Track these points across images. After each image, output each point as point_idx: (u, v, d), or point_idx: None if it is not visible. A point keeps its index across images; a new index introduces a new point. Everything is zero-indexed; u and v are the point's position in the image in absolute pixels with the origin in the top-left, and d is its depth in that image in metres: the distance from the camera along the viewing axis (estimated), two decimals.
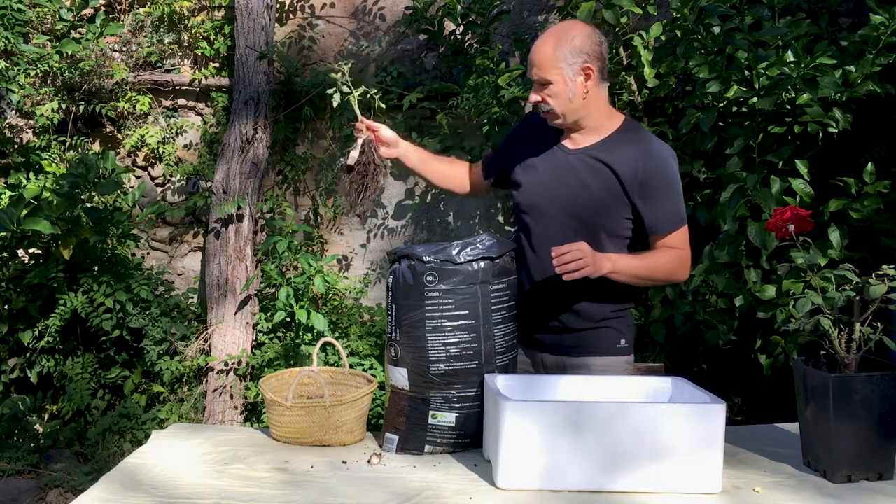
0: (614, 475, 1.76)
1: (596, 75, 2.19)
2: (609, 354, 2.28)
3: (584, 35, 2.18)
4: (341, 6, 4.96)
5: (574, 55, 2.16)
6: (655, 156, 2.20)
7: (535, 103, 2.23)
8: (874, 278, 1.79)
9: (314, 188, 4.91)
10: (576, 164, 2.24)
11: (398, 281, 2.09)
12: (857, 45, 3.15)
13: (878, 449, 1.82)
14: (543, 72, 2.17)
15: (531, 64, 2.20)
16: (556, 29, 2.22)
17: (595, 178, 2.21)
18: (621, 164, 2.19)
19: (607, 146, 2.23)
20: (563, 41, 2.16)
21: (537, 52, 2.18)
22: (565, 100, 2.18)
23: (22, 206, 3.89)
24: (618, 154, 2.21)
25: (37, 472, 3.68)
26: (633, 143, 2.22)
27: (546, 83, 2.18)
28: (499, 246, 2.09)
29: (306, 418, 2.09)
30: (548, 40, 2.18)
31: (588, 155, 2.24)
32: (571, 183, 2.23)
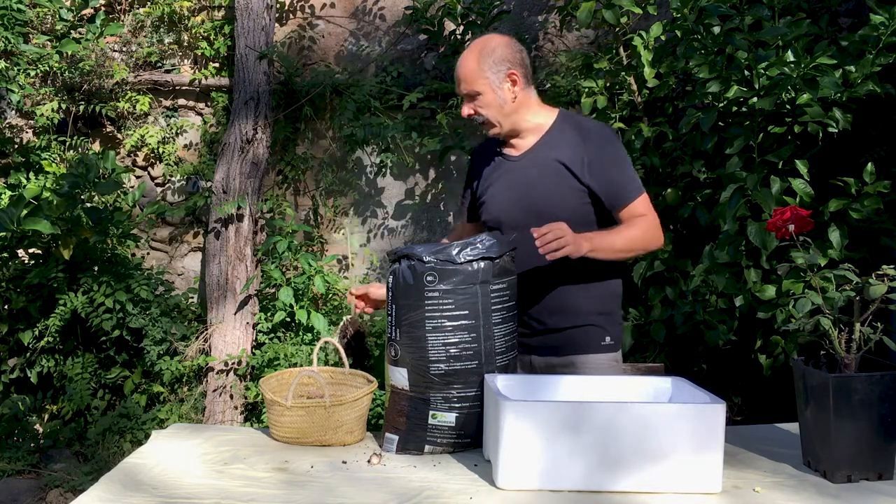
0: (614, 475, 1.76)
1: (521, 80, 2.29)
2: (595, 352, 2.32)
3: (503, 45, 2.29)
4: (341, 6, 4.96)
5: (497, 64, 2.26)
6: (594, 134, 2.29)
7: (468, 116, 2.32)
8: (874, 278, 1.79)
9: (314, 188, 4.91)
10: (524, 168, 2.33)
11: (398, 281, 2.09)
12: (857, 45, 3.15)
13: (878, 449, 1.82)
14: (471, 84, 2.27)
15: (458, 80, 2.30)
16: (476, 44, 2.31)
17: (545, 175, 2.29)
18: (564, 153, 2.28)
19: (547, 141, 2.32)
20: (484, 53, 2.27)
21: (462, 68, 2.28)
22: (497, 107, 2.28)
23: (22, 206, 3.89)
24: (559, 145, 2.30)
25: (37, 472, 3.68)
26: (571, 130, 2.31)
27: (475, 95, 2.28)
28: (499, 246, 2.09)
29: (306, 418, 2.09)
30: (470, 55, 2.28)
31: (532, 155, 2.33)
32: (525, 187, 2.31)
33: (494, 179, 2.38)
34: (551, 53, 4.82)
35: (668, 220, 3.93)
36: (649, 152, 3.82)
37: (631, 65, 3.97)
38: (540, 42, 4.87)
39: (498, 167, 2.39)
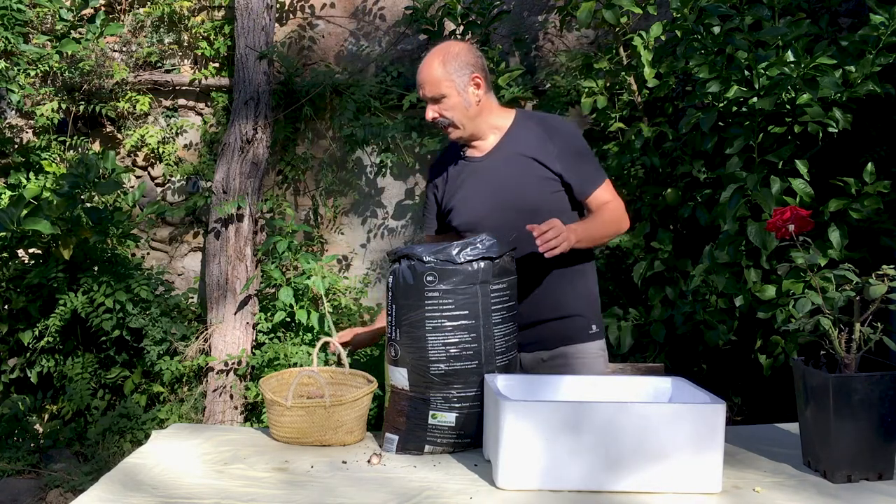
0: (614, 475, 1.76)
1: (484, 84, 2.35)
2: (582, 342, 2.37)
3: (466, 50, 2.35)
4: (341, 6, 4.96)
5: (462, 68, 2.31)
6: (557, 126, 2.38)
7: (433, 120, 2.34)
8: (874, 278, 1.79)
9: (314, 188, 4.91)
10: (491, 167, 2.36)
11: (398, 281, 2.09)
12: (857, 45, 3.15)
13: (878, 449, 1.82)
14: (436, 87, 2.30)
15: (422, 84, 2.32)
16: (438, 49, 2.35)
17: (514, 169, 2.33)
18: (530, 145, 2.33)
19: (510, 138, 2.37)
20: (448, 58, 2.31)
21: (427, 72, 2.31)
22: (462, 110, 2.33)
23: (22, 206, 3.89)
24: (523, 139, 2.35)
25: (37, 472, 3.68)
26: (533, 125, 2.38)
27: (440, 98, 2.31)
28: (499, 246, 2.09)
29: (306, 418, 2.09)
30: (433, 60, 2.31)
31: (497, 153, 2.37)
32: (496, 184, 2.33)
33: (461, 183, 2.40)
34: (551, 53, 4.82)
35: (668, 220, 3.93)
36: (649, 152, 3.82)
37: (631, 65, 3.97)
38: (540, 42, 4.87)
39: (462, 171, 2.41)
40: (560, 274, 2.31)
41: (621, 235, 3.75)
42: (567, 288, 2.35)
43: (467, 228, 2.35)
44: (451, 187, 2.43)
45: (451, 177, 2.44)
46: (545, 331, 2.35)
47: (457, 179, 2.42)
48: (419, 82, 2.33)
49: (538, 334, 2.35)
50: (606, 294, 4.16)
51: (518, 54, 4.81)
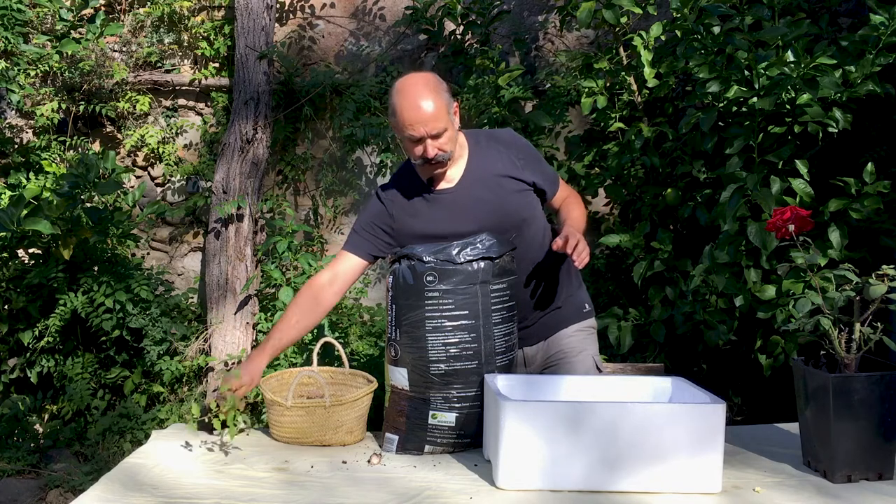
0: (614, 475, 1.76)
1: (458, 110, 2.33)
2: (578, 321, 2.43)
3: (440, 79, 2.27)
4: (341, 6, 4.96)
5: (450, 99, 2.25)
6: (513, 141, 2.40)
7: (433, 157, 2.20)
8: (874, 278, 1.79)
9: (314, 188, 4.91)
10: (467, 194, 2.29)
11: (398, 281, 2.09)
12: (857, 45, 3.15)
13: (878, 449, 1.82)
14: (440, 121, 2.18)
15: (424, 121, 2.17)
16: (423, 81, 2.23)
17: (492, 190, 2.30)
18: (498, 164, 2.33)
19: (476, 163, 2.33)
20: (439, 89, 2.22)
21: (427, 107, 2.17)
22: (454, 141, 2.26)
23: (22, 206, 3.89)
24: (489, 160, 2.33)
25: (37, 472, 3.68)
26: (489, 144, 2.37)
27: (442, 133, 2.19)
28: (499, 246, 2.09)
29: (306, 418, 2.09)
30: (429, 92, 2.19)
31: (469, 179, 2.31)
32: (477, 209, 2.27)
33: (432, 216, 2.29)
34: (551, 53, 4.82)
35: (668, 220, 3.93)
36: (649, 152, 3.82)
37: (631, 65, 3.97)
38: (540, 42, 4.87)
39: (433, 204, 2.30)
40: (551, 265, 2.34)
41: (620, 236, 3.76)
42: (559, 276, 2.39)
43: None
44: (419, 222, 2.30)
45: (417, 210, 2.31)
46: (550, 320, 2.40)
47: (427, 212, 2.30)
48: (418, 120, 2.17)
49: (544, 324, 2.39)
50: (606, 294, 4.16)
51: (518, 54, 4.81)
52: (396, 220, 2.31)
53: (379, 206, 2.36)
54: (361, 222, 2.38)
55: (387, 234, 2.33)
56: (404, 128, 2.18)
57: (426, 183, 2.31)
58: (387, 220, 2.33)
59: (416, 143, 2.20)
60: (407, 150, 2.26)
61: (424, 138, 2.18)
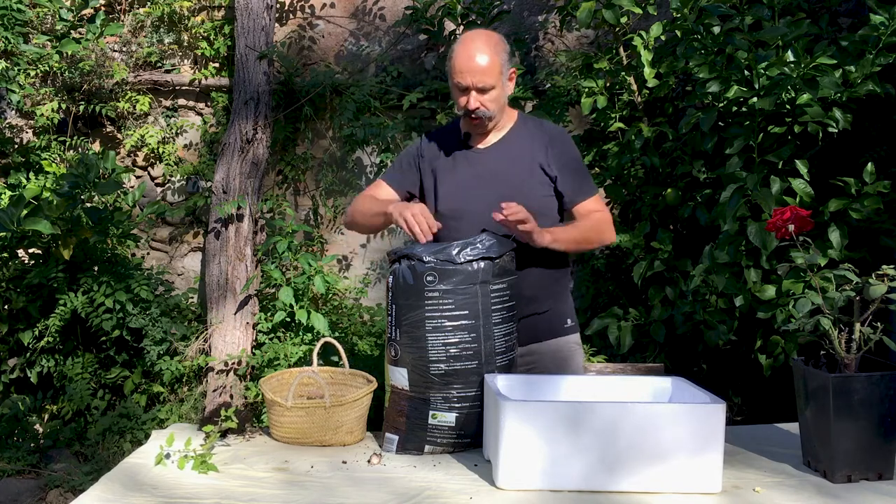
0: (614, 475, 1.76)
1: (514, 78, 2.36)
2: (558, 336, 2.39)
3: (505, 42, 2.33)
4: (341, 6, 4.96)
5: (508, 62, 2.30)
6: (556, 134, 2.40)
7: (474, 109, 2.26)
8: (874, 278, 1.79)
9: (314, 188, 4.91)
10: (492, 160, 2.36)
11: (398, 281, 2.09)
12: (857, 45, 3.15)
13: (878, 449, 1.82)
14: (489, 77, 2.24)
15: (471, 71, 2.23)
16: (486, 37, 2.29)
17: (515, 167, 2.33)
18: (531, 147, 2.35)
19: (514, 136, 2.38)
20: (499, 48, 2.27)
21: (480, 60, 2.23)
22: (501, 104, 2.32)
23: (22, 206, 3.89)
24: (527, 141, 2.36)
25: (37, 472, 3.68)
26: (533, 129, 2.40)
27: (488, 89, 2.25)
28: (499, 246, 2.09)
29: (306, 419, 2.09)
30: (485, 48, 2.25)
31: (500, 148, 2.37)
32: (492, 178, 2.32)
33: (454, 168, 2.38)
34: (551, 53, 4.82)
35: (668, 220, 3.93)
36: (649, 152, 3.82)
37: (631, 65, 3.97)
38: (540, 42, 4.87)
39: (458, 157, 2.39)
40: (538, 273, 2.32)
41: (621, 236, 3.76)
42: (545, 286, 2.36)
43: (450, 215, 2.33)
44: (441, 166, 2.39)
45: (444, 157, 2.40)
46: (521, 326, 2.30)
47: (451, 162, 2.39)
48: (468, 69, 2.23)
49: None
50: (606, 294, 4.16)
51: (518, 54, 4.81)
52: (426, 161, 2.41)
53: (415, 145, 2.49)
54: (399, 157, 2.51)
55: (415, 171, 2.43)
56: (454, 73, 2.27)
57: (462, 137, 2.39)
58: (420, 158, 2.43)
59: (461, 92, 2.27)
60: (454, 98, 2.34)
61: (470, 89, 2.25)
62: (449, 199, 2.36)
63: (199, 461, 1.92)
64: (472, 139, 2.39)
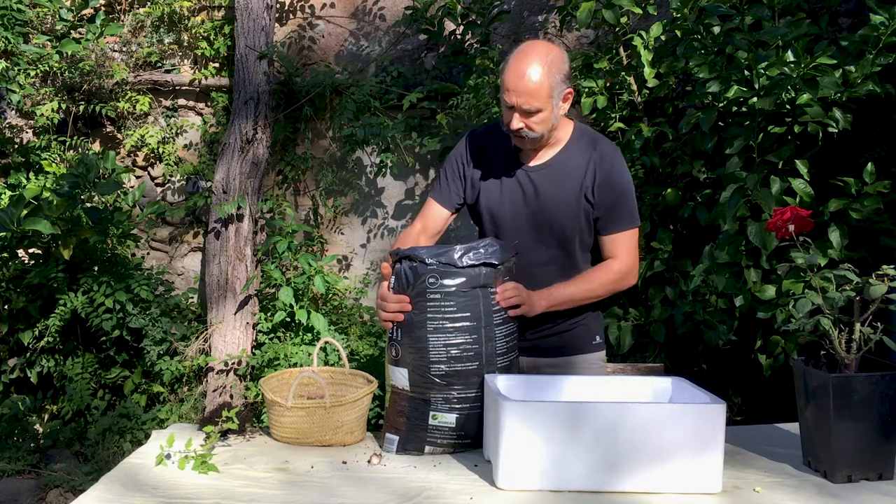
0: (614, 475, 1.76)
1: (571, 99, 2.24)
2: (585, 352, 2.36)
3: (563, 59, 2.19)
4: (341, 6, 4.96)
5: (562, 83, 2.18)
6: (608, 155, 2.27)
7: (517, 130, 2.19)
8: (874, 278, 1.79)
9: (314, 188, 4.91)
10: (540, 179, 2.28)
11: (400, 281, 2.09)
12: (857, 45, 3.15)
13: (878, 449, 1.82)
14: (535, 101, 2.13)
15: (518, 92, 2.13)
16: (540, 53, 2.15)
17: (560, 190, 2.26)
18: (580, 167, 2.26)
19: (565, 156, 2.29)
20: (553, 69, 2.14)
21: (529, 81, 2.12)
22: (549, 125, 2.21)
23: (22, 206, 3.89)
24: (576, 161, 2.27)
25: (37, 472, 3.68)
26: (587, 146, 2.29)
27: (535, 111, 2.15)
28: (501, 252, 2.09)
29: (307, 419, 2.09)
30: (537, 68, 2.12)
31: (550, 168, 2.29)
32: (537, 198, 2.27)
33: (501, 180, 2.31)
34: None
35: (668, 220, 3.93)
36: (649, 152, 3.82)
37: (631, 65, 3.97)
38: None
39: (509, 174, 2.31)
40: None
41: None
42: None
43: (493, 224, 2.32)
44: (487, 174, 2.33)
45: (490, 166, 2.33)
46: (550, 340, 2.34)
47: (498, 176, 2.32)
48: (515, 89, 2.13)
49: (542, 342, 2.34)
50: None
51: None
52: (470, 167, 2.35)
53: (462, 148, 2.39)
54: (446, 166, 2.41)
55: (460, 182, 2.37)
56: (503, 89, 2.18)
57: (513, 150, 2.31)
58: (465, 164, 2.36)
59: (507, 110, 2.19)
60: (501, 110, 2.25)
61: (515, 108, 2.16)
62: (493, 209, 2.31)
63: (200, 461, 1.92)
64: (522, 153, 2.31)
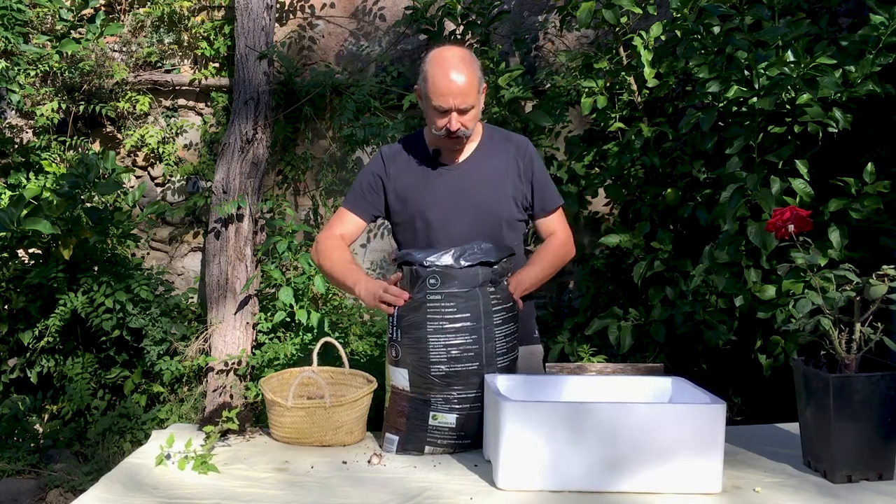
0: (614, 475, 1.76)
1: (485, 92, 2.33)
2: (527, 344, 2.39)
3: (475, 56, 2.29)
4: (341, 6, 4.96)
5: (481, 78, 2.26)
6: (523, 146, 2.39)
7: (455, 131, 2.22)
8: (874, 278, 1.79)
9: (314, 188, 4.91)
10: (465, 175, 2.32)
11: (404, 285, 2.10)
12: (857, 45, 3.15)
13: (878, 449, 1.82)
14: (469, 98, 2.20)
15: (453, 94, 2.18)
16: (460, 55, 2.22)
17: (490, 180, 2.32)
18: (504, 161, 2.34)
19: (484, 150, 2.35)
20: (474, 66, 2.23)
21: (461, 82, 2.17)
22: (476, 120, 2.28)
23: (22, 206, 3.89)
24: (498, 154, 2.35)
25: (37, 472, 3.68)
26: (501, 140, 2.39)
27: (469, 109, 2.21)
28: (496, 252, 2.11)
29: (307, 419, 2.09)
30: (464, 68, 2.19)
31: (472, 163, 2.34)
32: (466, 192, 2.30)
33: (428, 186, 2.32)
34: (551, 53, 4.82)
35: (668, 220, 3.93)
36: (649, 152, 3.82)
37: (631, 65, 3.97)
38: (540, 42, 4.87)
39: (433, 176, 2.33)
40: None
41: (620, 236, 3.76)
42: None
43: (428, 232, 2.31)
44: (411, 185, 2.33)
45: (414, 174, 2.34)
46: None
47: (422, 181, 2.33)
48: (449, 92, 2.18)
49: None
50: (606, 294, 4.16)
51: (518, 54, 4.81)
52: (391, 180, 2.35)
53: (378, 163, 2.39)
54: (361, 180, 2.41)
55: (379, 195, 2.38)
56: (433, 97, 2.20)
57: (431, 154, 2.35)
58: (383, 177, 2.37)
59: (441, 115, 2.22)
60: (429, 120, 2.27)
61: (451, 111, 2.20)
62: (424, 218, 2.32)
63: (200, 461, 1.92)
64: (442, 155, 2.34)
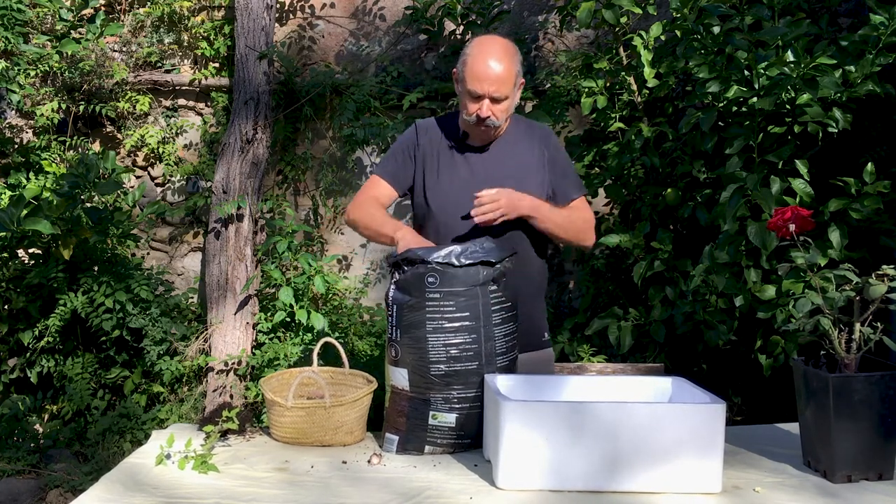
0: (614, 475, 1.76)
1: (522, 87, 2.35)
2: (535, 349, 2.38)
3: (518, 51, 2.30)
4: (341, 6, 4.96)
5: (520, 72, 2.29)
6: (546, 135, 2.43)
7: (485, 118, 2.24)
8: (874, 278, 1.79)
9: (314, 188, 4.91)
10: (490, 163, 2.35)
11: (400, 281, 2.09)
12: (857, 45, 3.15)
13: (878, 449, 1.82)
14: (505, 87, 2.23)
15: (490, 80, 2.20)
16: (503, 45, 2.26)
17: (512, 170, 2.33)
18: (527, 149, 2.36)
19: (510, 139, 2.38)
20: (515, 58, 2.25)
21: (499, 70, 2.20)
22: (509, 113, 2.30)
23: (22, 206, 3.89)
24: (521, 142, 2.37)
25: (37, 472, 3.68)
26: (526, 129, 2.42)
27: (503, 99, 2.24)
28: (499, 251, 2.10)
29: (307, 419, 2.09)
30: (504, 57, 2.22)
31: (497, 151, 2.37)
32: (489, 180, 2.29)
33: (453, 166, 2.35)
34: (551, 53, 4.82)
35: (668, 220, 3.93)
36: (649, 152, 3.82)
37: (631, 65, 3.97)
38: (540, 42, 4.87)
39: (460, 158, 2.36)
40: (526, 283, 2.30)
41: (620, 236, 3.76)
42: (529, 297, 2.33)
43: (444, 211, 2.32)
44: (439, 163, 2.36)
45: (442, 152, 2.37)
46: None
47: (449, 159, 2.36)
48: (486, 77, 2.20)
49: None
50: (606, 294, 4.16)
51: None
52: (422, 154, 2.37)
53: (411, 133, 2.42)
54: (394, 148, 2.44)
55: (411, 163, 2.39)
56: (469, 80, 2.23)
57: (461, 137, 2.36)
58: (415, 150, 2.39)
59: (474, 100, 2.24)
60: (463, 104, 2.28)
61: (484, 97, 2.22)
62: (445, 198, 2.34)
63: (200, 461, 1.92)
64: (472, 138, 2.38)
